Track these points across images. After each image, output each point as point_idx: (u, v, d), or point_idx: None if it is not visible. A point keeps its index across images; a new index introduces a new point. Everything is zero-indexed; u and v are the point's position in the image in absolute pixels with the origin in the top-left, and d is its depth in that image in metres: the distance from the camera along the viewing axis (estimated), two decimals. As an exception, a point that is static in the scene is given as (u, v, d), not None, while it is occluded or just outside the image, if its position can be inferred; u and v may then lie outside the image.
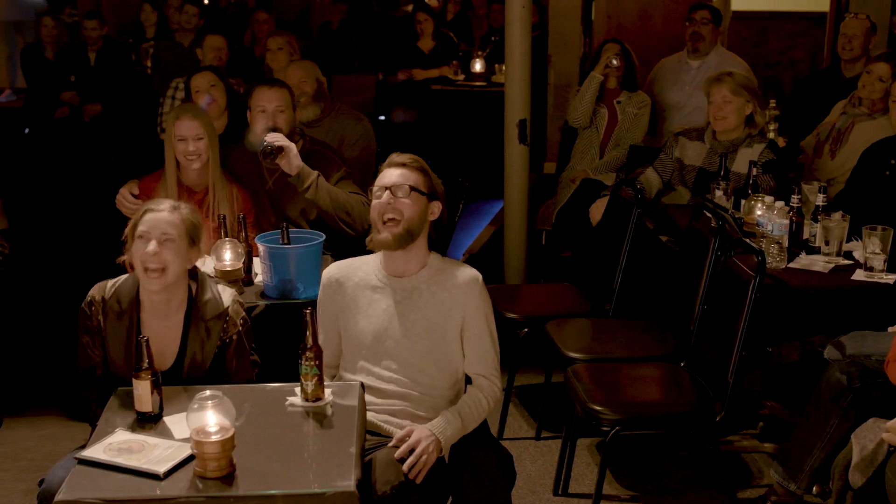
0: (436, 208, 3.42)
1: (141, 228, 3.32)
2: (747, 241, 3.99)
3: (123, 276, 3.44)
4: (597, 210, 5.50)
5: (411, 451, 3.13)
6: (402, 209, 3.33)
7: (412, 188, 3.35)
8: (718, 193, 4.89)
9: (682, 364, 4.13)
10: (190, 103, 5.30)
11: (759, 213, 4.45)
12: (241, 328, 3.43)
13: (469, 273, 3.42)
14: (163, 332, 3.37)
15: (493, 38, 9.86)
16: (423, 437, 3.16)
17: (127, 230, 3.38)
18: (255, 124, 4.70)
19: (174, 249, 3.30)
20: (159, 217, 3.32)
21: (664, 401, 3.99)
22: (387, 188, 3.36)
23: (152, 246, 3.27)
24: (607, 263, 4.82)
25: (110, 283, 3.44)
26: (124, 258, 3.41)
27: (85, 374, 3.42)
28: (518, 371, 4.77)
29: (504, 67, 6.38)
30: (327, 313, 3.46)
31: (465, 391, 3.42)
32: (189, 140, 4.47)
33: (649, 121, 6.44)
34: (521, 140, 6.13)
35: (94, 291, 3.42)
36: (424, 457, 3.12)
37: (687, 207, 5.03)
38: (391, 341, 3.37)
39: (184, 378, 3.36)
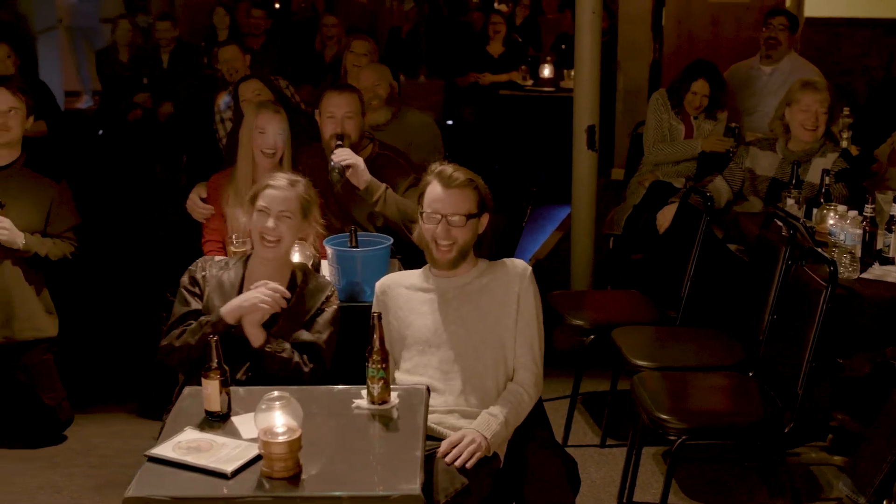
0: (484, 220, 3.46)
1: (261, 203, 3.61)
2: (819, 250, 3.94)
3: (225, 258, 3.78)
4: (664, 217, 5.45)
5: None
6: (456, 236, 3.38)
7: (468, 217, 3.37)
8: (790, 202, 4.83)
9: (751, 374, 4.08)
10: (272, 101, 5.35)
11: (831, 222, 4.39)
12: (337, 307, 3.65)
13: (521, 264, 3.48)
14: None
15: (562, 46, 9.83)
16: (467, 433, 3.18)
17: (246, 199, 3.71)
18: (323, 129, 4.74)
19: (289, 224, 3.61)
20: (278, 194, 3.61)
21: (732, 411, 3.94)
22: (442, 216, 3.37)
23: (271, 222, 3.57)
24: (675, 271, 4.78)
25: (216, 258, 3.76)
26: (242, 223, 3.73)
27: (178, 321, 3.58)
28: (583, 378, 4.74)
29: (573, 73, 6.35)
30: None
31: None
32: (269, 134, 4.54)
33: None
34: (589, 146, 6.10)
35: (199, 263, 3.71)
36: (471, 447, 3.13)
37: (757, 216, 4.97)
38: (445, 336, 3.39)
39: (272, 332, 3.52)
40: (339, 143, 4.56)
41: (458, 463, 3.09)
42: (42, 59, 10.13)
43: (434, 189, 3.40)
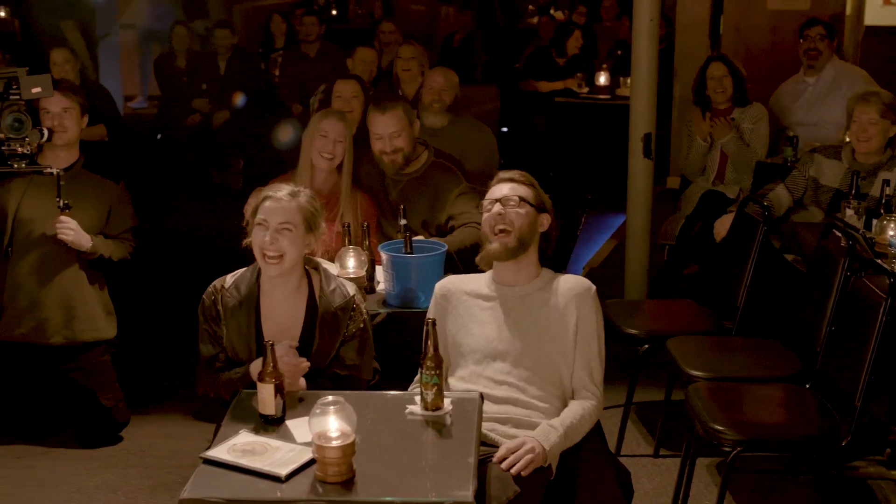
0: (545, 220, 3.44)
1: (260, 216, 3.43)
2: (879, 261, 3.88)
3: (242, 269, 3.55)
4: (722, 226, 5.41)
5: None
6: (512, 219, 3.37)
7: (521, 199, 3.38)
8: (849, 213, 4.77)
9: (808, 386, 4.04)
10: (336, 108, 5.39)
11: (891, 233, 4.33)
12: (366, 318, 3.53)
13: (584, 282, 3.44)
14: (283, 318, 3.48)
15: (617, 52, 9.79)
16: (526, 440, 3.17)
17: (247, 214, 3.51)
18: (372, 145, 4.77)
19: (291, 238, 3.40)
20: (277, 206, 3.41)
21: (788, 423, 3.90)
22: (496, 200, 3.39)
23: (269, 235, 3.38)
24: (731, 281, 4.74)
25: (229, 275, 3.57)
26: (248, 240, 3.51)
27: (206, 365, 3.53)
28: (637, 387, 4.71)
29: (629, 81, 6.33)
30: (438, 325, 3.46)
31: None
32: (329, 138, 4.58)
33: (769, 133, 6.33)
34: (645, 154, 6.07)
35: (215, 282, 3.56)
36: (528, 456, 3.11)
37: (816, 226, 4.91)
38: (503, 346, 3.38)
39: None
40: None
41: (513, 470, 3.08)
42: (102, 64, 10.26)
43: (492, 187, 3.46)
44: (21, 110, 4.45)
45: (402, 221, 4.34)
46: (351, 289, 3.56)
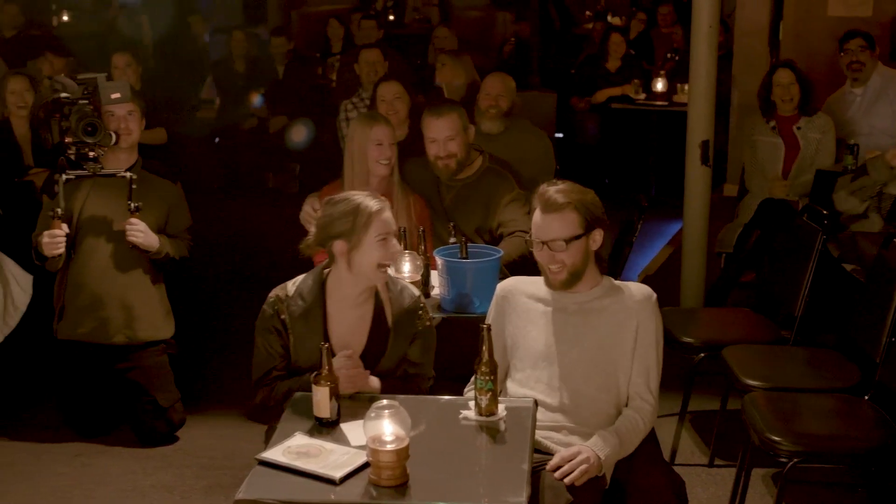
0: (597, 236, 3.37)
1: (383, 231, 3.41)
2: (941, 272, 3.82)
3: (301, 276, 3.56)
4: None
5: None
6: (563, 260, 3.32)
7: (568, 241, 3.30)
8: (911, 222, 4.70)
9: (867, 397, 3.98)
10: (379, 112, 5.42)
11: (953, 243, 4.26)
12: (431, 316, 3.59)
13: (645, 290, 3.41)
14: (350, 323, 3.51)
15: (674, 57, 9.72)
16: (581, 449, 3.16)
17: (346, 227, 3.40)
18: (427, 149, 4.77)
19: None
20: (391, 217, 3.46)
21: (846, 434, 3.84)
22: (543, 242, 3.33)
23: (395, 245, 3.46)
24: (789, 290, 4.69)
25: (290, 283, 3.57)
26: (306, 244, 3.56)
27: (264, 375, 3.53)
28: (692, 396, 4.68)
29: (687, 87, 6.29)
30: (497, 326, 3.46)
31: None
32: (385, 145, 4.60)
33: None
34: (703, 161, 6.02)
35: (276, 291, 3.55)
36: (583, 465, 3.11)
37: (876, 235, 4.86)
38: (560, 353, 3.36)
39: (372, 369, 3.46)
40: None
41: (567, 479, 3.07)
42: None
43: (536, 215, 3.37)
44: (94, 115, 4.52)
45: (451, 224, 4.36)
46: (414, 289, 3.63)
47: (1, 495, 4.41)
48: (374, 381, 3.44)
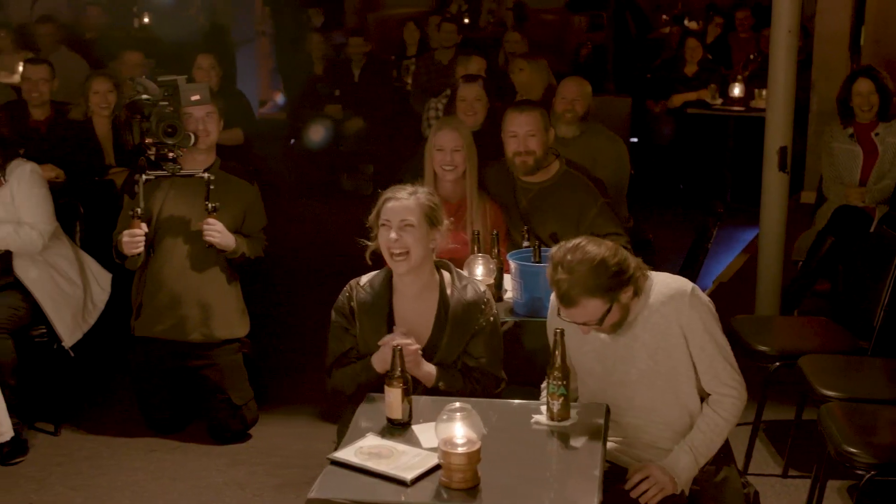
0: (625, 293, 3.20)
1: (383, 217, 3.58)
2: None
3: (376, 272, 3.68)
4: None
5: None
6: (606, 326, 3.23)
7: (601, 319, 3.19)
8: None
9: (948, 410, 3.91)
10: (453, 116, 5.42)
11: None
12: (495, 314, 3.62)
13: (675, 286, 3.29)
14: (414, 315, 3.59)
15: (759, 58, 9.59)
16: (655, 470, 3.15)
17: (371, 218, 3.63)
18: (506, 147, 4.76)
19: (414, 234, 3.53)
20: (398, 205, 3.57)
21: (926, 448, 3.77)
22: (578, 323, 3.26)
23: (394, 232, 3.52)
24: (868, 299, 4.61)
25: (364, 277, 3.70)
26: (372, 245, 3.65)
27: (336, 361, 3.61)
28: (766, 405, 4.62)
29: (765, 93, 6.21)
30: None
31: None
32: (447, 151, 4.61)
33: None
34: (781, 167, 5.94)
35: (350, 282, 3.69)
36: (654, 484, 3.11)
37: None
38: (618, 373, 3.31)
39: (434, 362, 3.52)
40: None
41: (643, 499, 3.06)
42: (238, 69, 10.51)
43: (558, 307, 3.26)
44: (174, 116, 4.59)
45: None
46: (482, 285, 3.69)
47: (81, 488, 4.49)
48: (429, 367, 3.50)
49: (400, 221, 3.54)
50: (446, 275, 3.68)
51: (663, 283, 3.30)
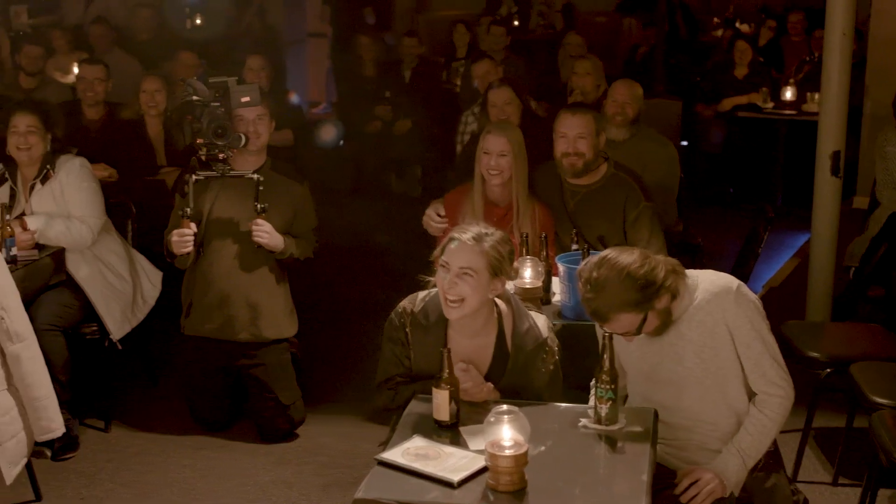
0: (661, 301, 3.18)
1: (443, 258, 3.33)
2: None
3: (435, 290, 3.46)
4: None
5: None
6: (648, 328, 3.21)
7: (638, 329, 3.19)
8: None
9: None
10: (505, 120, 5.41)
11: None
12: (557, 358, 3.44)
13: (720, 283, 3.25)
14: (470, 351, 3.41)
15: (814, 59, 9.49)
16: (704, 474, 3.13)
17: (435, 254, 3.44)
18: (555, 147, 4.75)
19: (472, 283, 3.28)
20: (460, 250, 3.31)
21: (979, 458, 3.71)
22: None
23: (449, 279, 3.29)
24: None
25: (421, 295, 3.52)
26: (432, 279, 3.45)
27: (385, 382, 3.54)
28: (817, 412, 4.57)
29: (818, 96, 6.15)
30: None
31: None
32: (492, 154, 4.60)
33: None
34: (833, 172, 5.88)
35: (405, 303, 3.51)
36: (707, 489, 3.09)
37: None
38: (665, 372, 3.29)
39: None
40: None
41: (684, 498, 3.04)
42: (289, 70, 10.56)
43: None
44: (224, 118, 4.62)
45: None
46: (544, 328, 3.47)
47: (130, 484, 4.54)
48: (491, 388, 3.37)
49: (459, 269, 3.28)
50: (504, 308, 3.46)
51: (709, 281, 3.27)
